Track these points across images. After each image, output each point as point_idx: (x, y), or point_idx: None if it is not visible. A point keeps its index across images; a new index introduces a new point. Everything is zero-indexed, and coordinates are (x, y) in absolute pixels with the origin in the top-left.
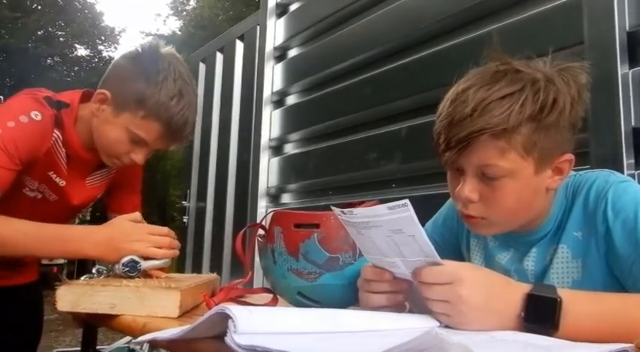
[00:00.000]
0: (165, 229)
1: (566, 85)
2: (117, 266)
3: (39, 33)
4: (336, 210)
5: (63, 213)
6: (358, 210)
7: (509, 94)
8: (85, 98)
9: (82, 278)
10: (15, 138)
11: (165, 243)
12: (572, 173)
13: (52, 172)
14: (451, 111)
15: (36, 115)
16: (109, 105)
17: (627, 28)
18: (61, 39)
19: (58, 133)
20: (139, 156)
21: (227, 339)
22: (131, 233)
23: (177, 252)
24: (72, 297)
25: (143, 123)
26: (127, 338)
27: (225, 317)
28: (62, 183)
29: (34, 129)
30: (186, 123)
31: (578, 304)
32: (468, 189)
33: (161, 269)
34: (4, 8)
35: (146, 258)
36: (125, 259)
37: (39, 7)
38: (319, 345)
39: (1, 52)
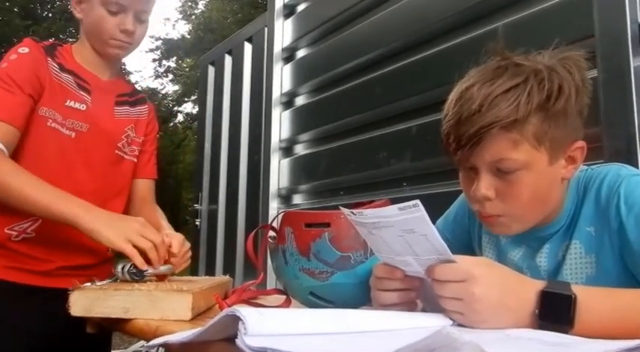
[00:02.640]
0: (149, 243)
1: (569, 72)
2: (119, 269)
3: (50, 40)
4: (346, 211)
5: (103, 145)
6: (368, 211)
7: (514, 86)
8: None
9: (90, 283)
10: (9, 72)
11: (152, 256)
12: (584, 167)
13: (68, 100)
14: (458, 110)
15: (23, 50)
16: (85, 2)
17: (639, 20)
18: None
19: (53, 63)
20: (127, 25)
21: (238, 341)
22: (130, 225)
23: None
24: (85, 302)
25: None
26: (142, 342)
27: (236, 320)
28: (82, 107)
29: (25, 59)
30: None
31: (593, 301)
32: (484, 186)
33: (163, 276)
34: (15, 17)
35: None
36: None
37: (49, 15)
38: (330, 346)
39: None
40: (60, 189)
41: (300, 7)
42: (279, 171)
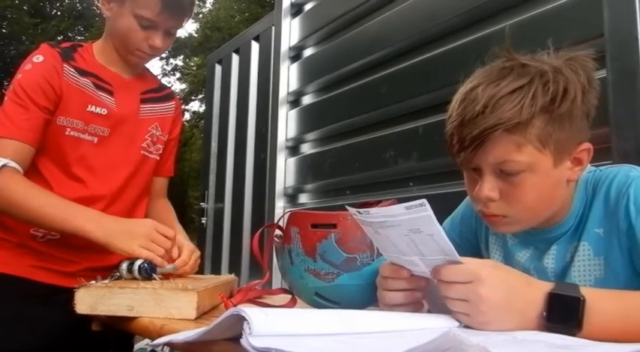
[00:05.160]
0: (161, 250)
1: (575, 73)
2: (123, 266)
3: (58, 38)
4: (352, 210)
5: (127, 147)
6: (375, 210)
7: (519, 88)
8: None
9: (95, 281)
10: (23, 85)
11: (166, 258)
12: (592, 168)
13: (89, 106)
14: (461, 111)
15: (37, 58)
16: (115, 2)
17: None
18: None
19: (70, 68)
20: (155, 41)
21: (242, 341)
22: (141, 232)
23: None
24: (90, 300)
25: (142, 2)
26: (147, 340)
27: (241, 319)
28: (104, 111)
29: (39, 69)
30: None
31: (602, 303)
32: (488, 187)
33: (168, 275)
34: (24, 15)
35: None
36: (140, 260)
37: (58, 13)
38: (335, 347)
39: (22, 58)
40: (72, 203)
41: (308, 6)
42: (285, 170)
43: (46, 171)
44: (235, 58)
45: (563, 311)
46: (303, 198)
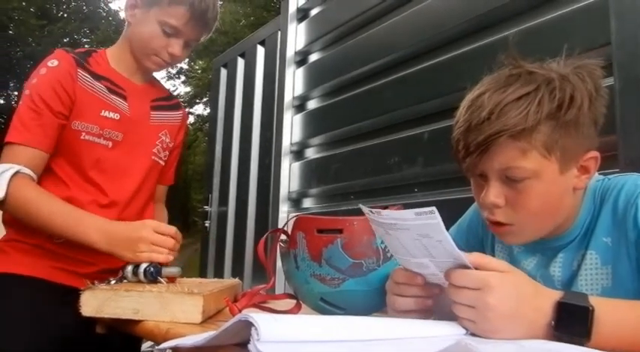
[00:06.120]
0: (164, 251)
1: (582, 81)
2: (129, 269)
3: (65, 40)
4: (365, 209)
5: (140, 152)
6: (386, 212)
7: (525, 95)
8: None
9: (101, 283)
10: (39, 90)
11: (162, 253)
12: (601, 177)
13: (103, 111)
14: (467, 117)
15: (52, 63)
16: (140, 8)
17: None
18: (86, 46)
19: (84, 73)
20: (175, 48)
21: (250, 347)
22: (142, 237)
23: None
24: (96, 303)
25: (170, 10)
26: (150, 343)
27: (249, 325)
28: (117, 116)
29: (53, 75)
30: (208, 6)
31: (611, 313)
32: (493, 194)
33: (172, 277)
34: (30, 17)
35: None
36: (146, 264)
37: (65, 15)
38: None
39: (28, 59)
40: (79, 210)
41: (314, 11)
42: (289, 175)
43: (62, 173)
44: (241, 62)
45: (571, 321)
46: (308, 203)
